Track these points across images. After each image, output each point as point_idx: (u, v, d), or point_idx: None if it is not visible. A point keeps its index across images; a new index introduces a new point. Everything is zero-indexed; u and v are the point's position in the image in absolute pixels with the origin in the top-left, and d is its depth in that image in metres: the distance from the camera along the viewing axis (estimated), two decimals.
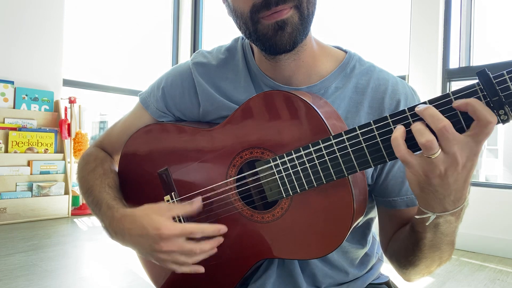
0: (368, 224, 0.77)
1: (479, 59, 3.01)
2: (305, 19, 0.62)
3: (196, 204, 0.66)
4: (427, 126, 0.48)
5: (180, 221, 0.66)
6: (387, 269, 0.85)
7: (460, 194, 0.52)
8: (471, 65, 3.00)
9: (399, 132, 0.50)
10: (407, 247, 0.65)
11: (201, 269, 0.65)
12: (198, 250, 0.62)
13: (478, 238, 2.60)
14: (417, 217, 0.57)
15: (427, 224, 0.56)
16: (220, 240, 0.65)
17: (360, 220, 0.65)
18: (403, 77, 3.00)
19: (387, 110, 0.68)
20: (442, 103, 0.49)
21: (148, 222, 0.61)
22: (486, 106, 0.46)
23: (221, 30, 4.78)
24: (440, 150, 0.47)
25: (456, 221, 0.57)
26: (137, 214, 0.64)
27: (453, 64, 2.96)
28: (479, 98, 0.47)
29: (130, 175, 0.78)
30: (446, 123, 0.46)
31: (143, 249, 0.63)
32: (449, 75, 2.92)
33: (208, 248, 0.63)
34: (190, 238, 0.62)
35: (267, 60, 0.70)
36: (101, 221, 0.70)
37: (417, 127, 0.48)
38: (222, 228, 0.64)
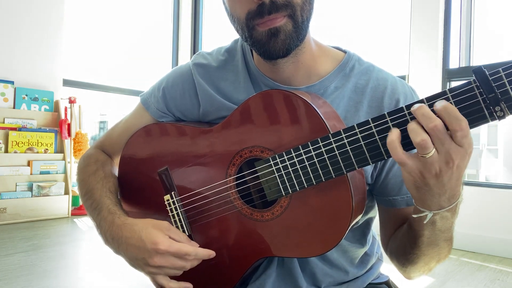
0: (367, 224, 0.78)
1: (479, 59, 3.01)
2: (299, 27, 0.63)
3: (193, 243, 0.66)
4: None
5: (182, 225, 0.69)
6: (387, 269, 0.85)
7: (454, 192, 0.53)
8: (471, 65, 3.00)
9: (395, 135, 0.50)
10: (406, 246, 0.66)
11: (188, 286, 0.66)
12: (189, 267, 0.64)
13: (478, 238, 2.60)
14: (414, 216, 0.58)
15: (424, 222, 0.56)
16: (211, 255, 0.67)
17: (359, 218, 0.65)
18: (403, 77, 3.00)
19: (386, 110, 0.68)
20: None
21: (146, 235, 0.62)
22: (456, 111, 0.46)
23: (221, 30, 4.79)
24: (434, 149, 0.48)
25: (452, 216, 0.57)
26: (138, 225, 0.65)
27: (453, 64, 2.96)
28: (475, 95, 0.48)
29: (130, 175, 0.78)
30: (438, 122, 0.47)
31: (136, 260, 0.64)
32: (449, 75, 2.92)
33: (196, 264, 0.65)
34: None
35: (266, 62, 0.70)
36: (98, 225, 0.71)
37: (412, 127, 0.49)
38: (212, 254, 0.66)
